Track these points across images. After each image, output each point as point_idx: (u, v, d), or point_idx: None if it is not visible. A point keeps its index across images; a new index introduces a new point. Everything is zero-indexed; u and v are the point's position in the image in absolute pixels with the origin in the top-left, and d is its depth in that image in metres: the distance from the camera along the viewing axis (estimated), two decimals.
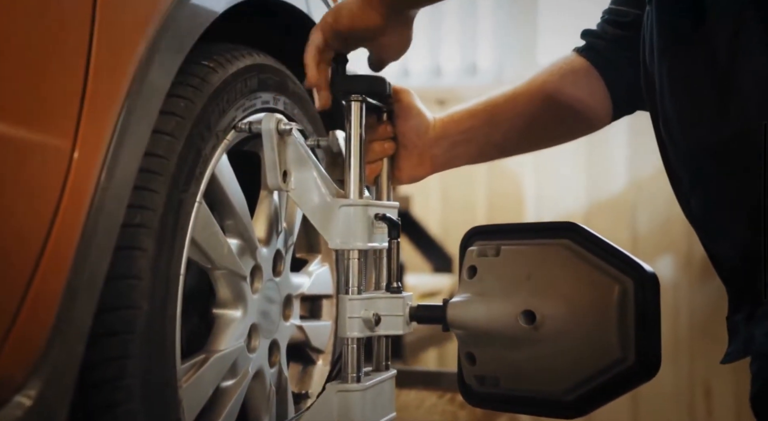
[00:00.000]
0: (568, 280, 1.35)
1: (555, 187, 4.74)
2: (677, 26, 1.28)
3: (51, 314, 0.93)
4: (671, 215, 4.24)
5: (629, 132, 4.47)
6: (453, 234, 4.54)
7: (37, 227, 0.90)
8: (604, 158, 4.65)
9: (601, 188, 4.67)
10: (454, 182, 4.77)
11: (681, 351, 4.51)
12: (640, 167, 4.53)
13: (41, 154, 0.90)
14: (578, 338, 1.33)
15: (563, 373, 1.34)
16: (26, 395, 0.90)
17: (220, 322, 1.33)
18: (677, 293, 4.42)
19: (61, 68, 0.94)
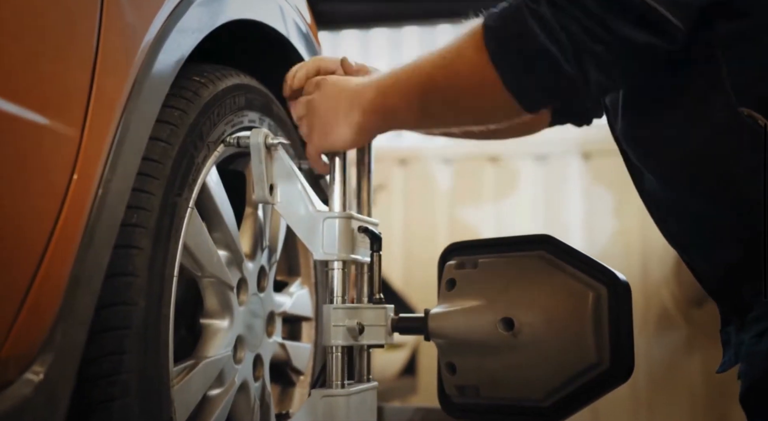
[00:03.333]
0: (545, 288, 1.40)
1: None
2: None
3: (57, 299, 0.96)
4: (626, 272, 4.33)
5: (585, 195, 4.59)
6: (415, 288, 4.58)
7: (48, 211, 0.94)
8: (561, 213, 4.76)
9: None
10: (416, 239, 4.83)
11: (641, 404, 4.56)
12: (596, 226, 4.63)
13: (54, 140, 0.94)
14: (555, 344, 1.38)
15: (541, 378, 1.39)
16: (34, 372, 0.93)
17: (208, 331, 1.36)
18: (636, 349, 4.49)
19: (72, 64, 0.99)
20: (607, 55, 1.11)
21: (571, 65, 1.12)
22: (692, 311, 4.57)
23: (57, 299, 0.96)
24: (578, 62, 1.12)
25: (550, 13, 1.10)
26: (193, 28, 1.25)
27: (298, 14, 1.68)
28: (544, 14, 1.10)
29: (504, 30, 1.15)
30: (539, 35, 1.11)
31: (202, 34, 1.28)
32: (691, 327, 4.54)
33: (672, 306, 4.50)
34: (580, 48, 1.11)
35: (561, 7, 1.10)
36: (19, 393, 0.91)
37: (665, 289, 4.52)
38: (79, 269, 0.99)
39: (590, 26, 1.09)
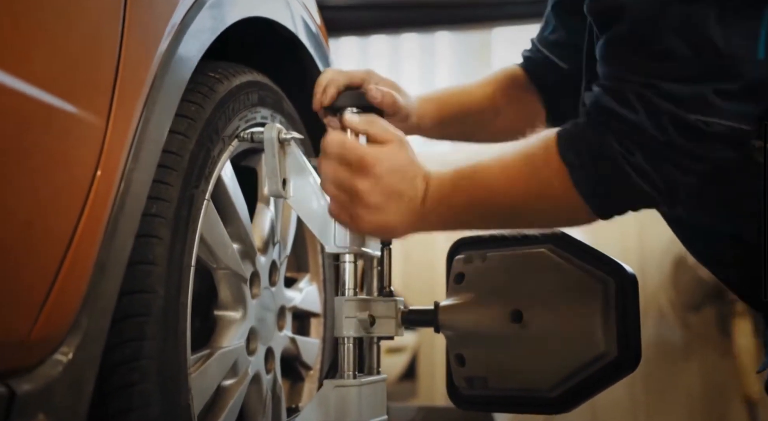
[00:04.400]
0: (553, 281, 1.43)
1: None
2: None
3: (83, 285, 0.98)
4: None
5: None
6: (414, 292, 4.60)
7: (76, 198, 0.96)
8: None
9: None
10: (415, 243, 4.85)
11: (638, 408, 4.58)
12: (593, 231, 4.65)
13: (81, 128, 0.96)
14: (563, 335, 1.40)
15: (549, 369, 1.41)
16: (62, 353, 0.95)
17: (222, 322, 1.38)
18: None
19: (98, 57, 1.01)
20: (696, 181, 1.17)
21: (664, 197, 1.18)
22: (689, 315, 4.60)
23: (83, 285, 0.98)
24: (671, 194, 1.17)
25: (645, 161, 1.15)
26: (207, 26, 1.28)
27: (308, 14, 1.71)
28: (639, 162, 1.15)
29: (596, 172, 1.18)
30: (635, 180, 1.16)
31: (217, 32, 1.31)
32: (688, 332, 4.57)
33: (669, 311, 4.53)
34: (675, 184, 1.16)
35: (656, 155, 1.14)
36: (49, 373, 0.93)
37: (663, 294, 4.55)
38: (103, 256, 1.01)
39: (686, 163, 1.14)
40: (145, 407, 1.12)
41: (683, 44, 1.13)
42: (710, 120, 1.12)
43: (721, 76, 1.12)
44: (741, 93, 1.13)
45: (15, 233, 0.87)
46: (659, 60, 1.15)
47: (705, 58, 1.12)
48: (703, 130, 1.12)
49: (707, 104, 1.12)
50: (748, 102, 1.13)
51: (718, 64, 1.12)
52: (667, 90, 1.13)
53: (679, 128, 1.13)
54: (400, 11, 5.06)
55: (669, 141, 1.13)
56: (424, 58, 5.13)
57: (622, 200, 1.21)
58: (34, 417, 0.90)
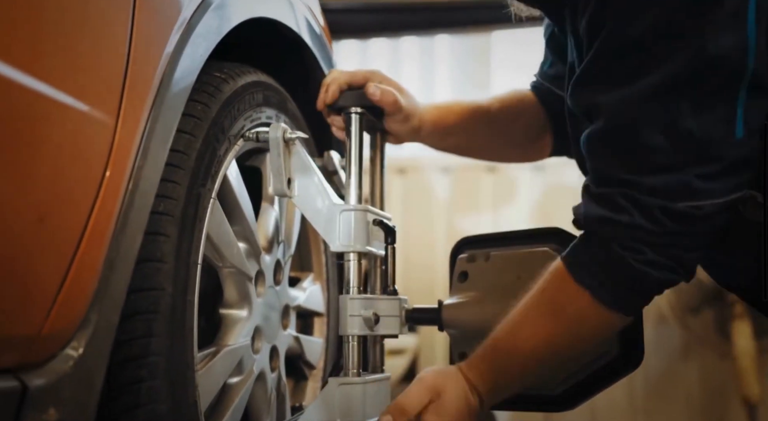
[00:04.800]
0: None
1: None
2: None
3: (93, 281, 0.99)
4: None
5: None
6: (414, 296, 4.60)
7: (87, 194, 0.97)
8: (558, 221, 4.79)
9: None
10: (415, 247, 4.86)
11: (637, 410, 4.59)
12: None
13: (92, 125, 0.97)
14: None
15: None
16: (73, 348, 0.96)
17: (228, 320, 1.39)
18: None
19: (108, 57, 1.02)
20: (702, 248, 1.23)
21: (683, 276, 1.24)
22: (689, 317, 4.61)
23: (93, 281, 0.99)
24: (685, 270, 1.23)
25: (657, 255, 1.19)
26: (213, 27, 1.29)
27: (312, 15, 1.72)
28: (653, 258, 1.19)
29: (617, 284, 1.23)
30: (655, 275, 1.21)
31: (223, 32, 1.32)
32: (687, 334, 4.58)
33: (669, 312, 4.54)
34: (690, 262, 1.22)
35: (665, 245, 1.19)
36: (60, 368, 0.94)
37: (662, 295, 4.56)
38: (113, 253, 1.02)
39: (693, 243, 1.20)
40: (153, 403, 1.13)
41: (660, 137, 1.16)
42: (700, 204, 1.16)
43: (700, 162, 1.15)
44: (724, 172, 1.16)
45: (28, 229, 0.88)
46: (638, 155, 1.18)
47: (683, 148, 1.15)
48: (696, 214, 1.17)
49: (693, 190, 1.16)
50: (733, 177, 1.17)
51: (696, 151, 1.15)
52: (650, 185, 1.17)
53: (673, 218, 1.17)
54: (399, 14, 5.07)
55: (669, 231, 1.17)
56: (424, 60, 5.14)
57: (650, 294, 1.26)
58: (46, 411, 0.91)
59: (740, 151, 1.16)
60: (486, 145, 1.70)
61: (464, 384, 1.32)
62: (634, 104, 1.17)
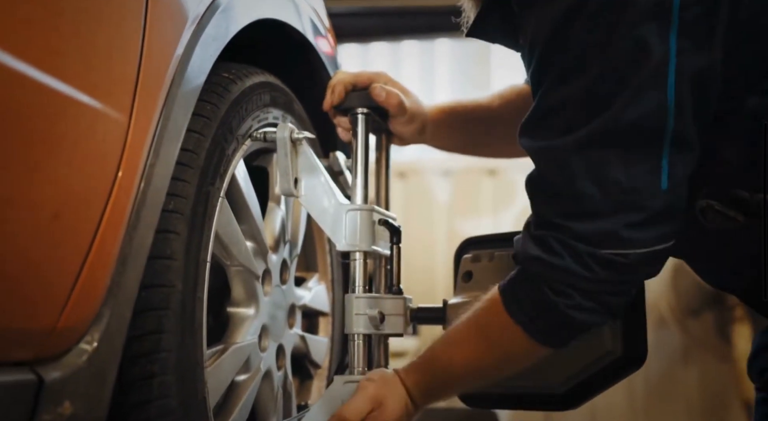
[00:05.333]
0: None
1: None
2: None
3: (106, 276, 1.01)
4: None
5: None
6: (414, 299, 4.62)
7: (101, 191, 0.98)
8: None
9: None
10: (415, 250, 4.88)
11: (637, 413, 4.60)
12: None
13: (106, 123, 0.99)
14: None
15: (557, 366, 1.44)
16: (87, 342, 0.97)
17: (235, 318, 1.41)
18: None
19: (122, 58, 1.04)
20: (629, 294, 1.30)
21: (607, 317, 1.31)
22: (689, 320, 4.62)
23: (107, 276, 1.00)
24: (611, 313, 1.29)
25: (584, 300, 1.25)
26: (223, 27, 1.30)
27: (317, 17, 1.74)
28: (580, 303, 1.25)
29: (546, 323, 1.29)
30: (580, 318, 1.26)
31: (232, 33, 1.33)
32: (687, 337, 4.59)
33: (669, 315, 4.55)
34: (615, 307, 1.29)
35: (591, 291, 1.24)
36: (75, 362, 0.95)
37: (662, 299, 4.57)
38: (126, 249, 1.04)
39: (618, 289, 1.26)
40: (163, 398, 1.14)
41: (590, 185, 1.21)
42: (626, 252, 1.21)
43: (627, 211, 1.20)
44: (649, 222, 1.21)
45: (44, 225, 0.89)
46: (570, 201, 1.23)
47: (611, 197, 1.20)
48: (621, 262, 1.21)
49: (619, 238, 1.21)
50: (658, 227, 1.21)
51: (623, 200, 1.20)
52: (579, 231, 1.22)
53: (601, 264, 1.22)
54: (400, 18, 5.09)
55: (598, 278, 1.22)
56: (424, 64, 5.16)
57: (577, 333, 1.31)
58: (61, 404, 0.92)
59: (664, 202, 1.20)
60: (490, 142, 1.72)
61: (403, 391, 1.39)
62: (566, 155, 1.22)
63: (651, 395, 4.56)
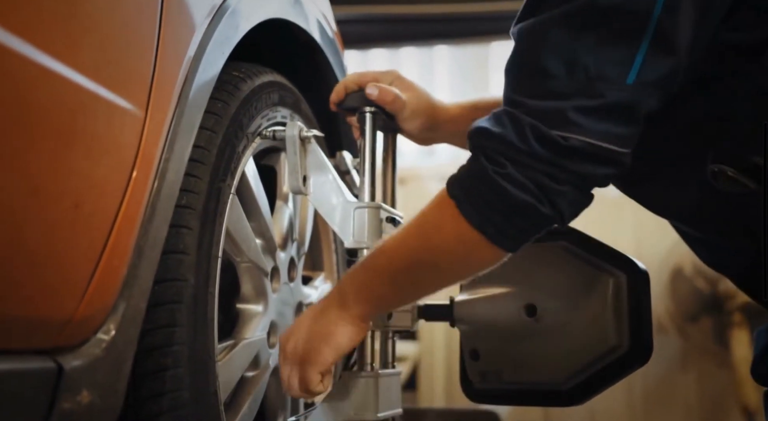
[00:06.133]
0: (566, 276, 1.47)
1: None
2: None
3: (123, 268, 1.02)
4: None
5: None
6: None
7: (119, 183, 1.00)
8: None
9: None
10: None
11: (637, 418, 4.62)
12: None
13: (123, 116, 1.00)
14: (577, 328, 1.44)
15: (563, 362, 1.45)
16: (105, 332, 0.98)
17: (245, 315, 1.42)
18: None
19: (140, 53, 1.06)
20: (574, 192, 1.20)
21: (546, 208, 1.19)
22: (687, 326, 4.64)
23: (123, 268, 1.02)
24: (552, 204, 1.19)
25: (516, 171, 1.17)
26: (234, 26, 1.32)
27: (325, 20, 1.76)
28: (512, 173, 1.17)
29: (479, 197, 1.20)
30: (513, 192, 1.18)
31: (243, 31, 1.35)
32: (686, 342, 4.61)
33: (667, 321, 4.57)
34: (551, 193, 1.18)
35: (524, 165, 1.17)
36: (92, 352, 0.96)
37: (660, 304, 4.60)
38: (142, 241, 1.05)
39: (553, 173, 1.17)
40: (176, 391, 1.15)
41: (559, 65, 1.17)
42: (567, 135, 1.16)
43: (583, 95, 1.16)
44: (600, 111, 1.16)
45: (64, 215, 0.91)
46: (536, 79, 1.19)
47: (574, 78, 1.17)
48: (562, 145, 1.16)
49: (566, 120, 1.16)
50: (608, 121, 1.17)
51: (585, 84, 1.16)
52: (532, 107, 1.18)
53: (539, 140, 1.16)
54: (399, 25, 5.11)
55: (532, 151, 1.16)
56: (423, 71, 5.19)
57: (511, 220, 1.21)
58: (79, 393, 0.94)
59: (623, 96, 1.16)
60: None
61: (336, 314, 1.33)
62: (543, 30, 1.19)
63: (650, 400, 4.58)
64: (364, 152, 1.49)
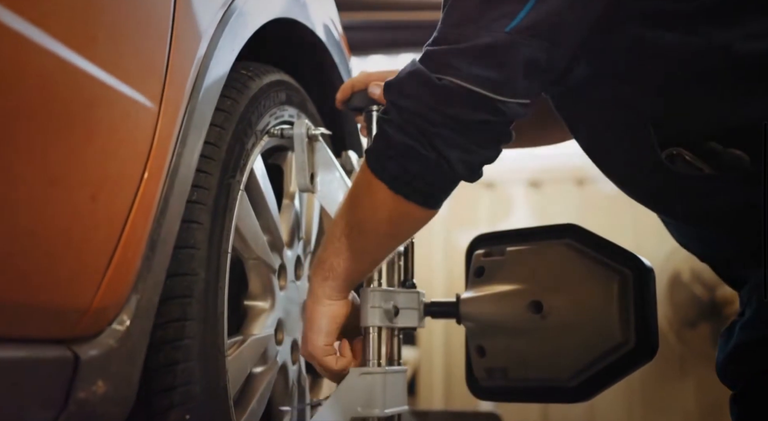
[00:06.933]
0: (572, 273, 1.47)
1: None
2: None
3: (137, 260, 1.03)
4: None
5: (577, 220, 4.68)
6: None
7: (133, 175, 1.01)
8: None
9: None
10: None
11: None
12: None
13: (138, 109, 1.01)
14: (583, 325, 1.45)
15: (569, 359, 1.46)
16: (120, 323, 0.99)
17: (252, 312, 1.43)
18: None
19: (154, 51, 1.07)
20: (452, 135, 1.21)
21: (429, 152, 1.21)
22: (685, 332, 4.66)
23: (137, 260, 1.03)
24: (432, 146, 1.21)
25: (397, 115, 1.22)
26: (243, 24, 1.33)
27: (332, 23, 1.77)
28: (394, 118, 1.22)
29: (374, 145, 1.26)
30: (395, 136, 1.22)
31: (252, 29, 1.36)
32: (684, 348, 4.63)
33: (666, 327, 4.59)
34: (429, 134, 1.20)
35: (404, 108, 1.21)
36: (107, 342, 0.97)
37: (659, 310, 4.59)
38: (155, 235, 1.06)
39: (430, 115, 1.20)
40: (187, 384, 1.16)
41: (457, 15, 1.21)
42: (442, 77, 1.18)
43: (462, 40, 1.19)
44: (472, 53, 1.18)
45: (81, 206, 0.92)
46: (440, 32, 1.23)
47: (461, 27, 1.20)
48: (436, 85, 1.18)
49: (444, 63, 1.19)
50: (479, 65, 1.18)
51: (467, 30, 1.19)
52: (425, 52, 1.22)
53: (416, 82, 1.20)
54: (398, 32, 5.13)
55: (408, 93, 1.20)
56: None
57: (403, 166, 1.23)
58: (95, 383, 0.94)
59: (494, 39, 1.18)
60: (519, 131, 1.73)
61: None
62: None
63: (648, 406, 4.59)
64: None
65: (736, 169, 1.22)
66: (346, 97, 1.55)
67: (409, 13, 4.98)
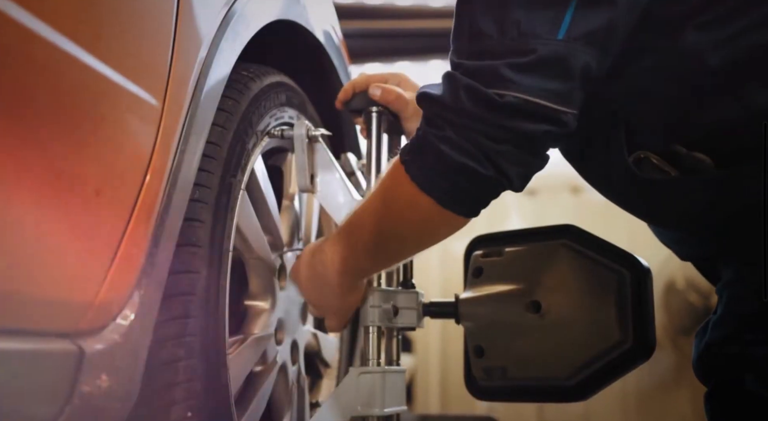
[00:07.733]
0: (570, 273, 1.48)
1: None
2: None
3: (141, 256, 1.04)
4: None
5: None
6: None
7: (137, 172, 1.02)
8: None
9: None
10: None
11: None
12: None
13: (142, 106, 1.02)
14: (581, 324, 1.46)
15: (567, 358, 1.47)
16: (123, 317, 1.00)
17: (253, 311, 1.43)
18: (626, 376, 4.57)
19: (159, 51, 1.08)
20: (514, 151, 1.19)
21: (488, 170, 1.19)
22: (681, 339, 4.66)
23: (141, 255, 1.03)
24: (493, 165, 1.19)
25: (454, 133, 1.19)
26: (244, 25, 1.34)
27: (331, 28, 1.78)
28: (450, 136, 1.19)
29: (421, 160, 1.23)
30: (451, 155, 1.19)
31: (254, 30, 1.37)
32: (680, 355, 4.63)
33: (662, 335, 4.59)
34: (491, 153, 1.18)
35: (462, 125, 1.18)
36: (111, 337, 0.98)
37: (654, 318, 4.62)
38: (158, 231, 1.07)
39: (491, 132, 1.17)
40: (189, 381, 1.17)
41: (492, 25, 1.18)
42: (503, 92, 1.16)
43: (516, 52, 1.16)
44: (532, 67, 1.16)
45: (86, 201, 0.93)
46: (472, 41, 1.20)
47: (507, 37, 1.17)
48: (497, 102, 1.16)
49: (500, 78, 1.16)
50: (540, 77, 1.17)
51: (517, 42, 1.17)
52: (469, 67, 1.18)
53: (474, 100, 1.17)
54: (394, 40, 5.16)
55: (464, 109, 1.17)
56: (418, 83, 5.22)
57: (456, 183, 1.21)
58: (99, 377, 0.95)
59: (554, 51, 1.16)
60: None
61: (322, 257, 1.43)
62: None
63: (644, 414, 4.59)
64: (371, 150, 1.51)
65: (700, 172, 1.23)
66: (347, 98, 1.57)
67: (405, 22, 5.00)
